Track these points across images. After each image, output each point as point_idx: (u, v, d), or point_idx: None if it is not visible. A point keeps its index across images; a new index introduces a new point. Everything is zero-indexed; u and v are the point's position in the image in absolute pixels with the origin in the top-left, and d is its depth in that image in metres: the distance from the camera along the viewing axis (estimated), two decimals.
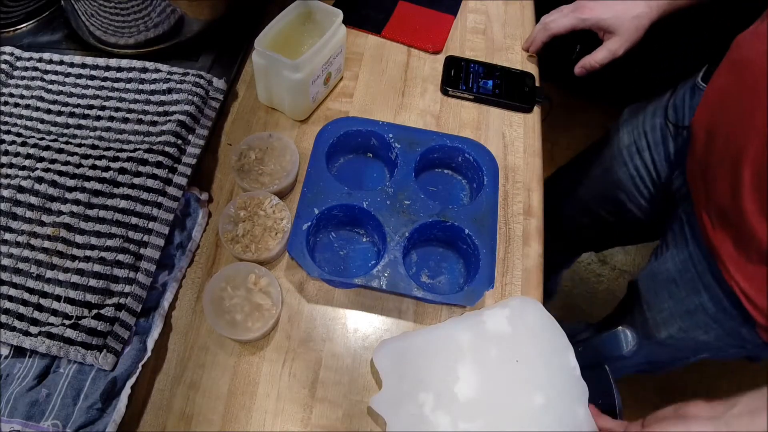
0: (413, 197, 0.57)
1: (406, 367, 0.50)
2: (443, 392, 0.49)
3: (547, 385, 0.50)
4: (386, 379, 0.50)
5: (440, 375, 0.50)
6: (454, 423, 0.48)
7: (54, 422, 0.45)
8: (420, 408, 0.48)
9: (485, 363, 0.50)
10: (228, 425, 0.50)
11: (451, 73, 0.71)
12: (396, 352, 0.51)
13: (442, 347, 0.51)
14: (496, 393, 0.49)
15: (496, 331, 0.52)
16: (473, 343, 0.51)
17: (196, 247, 0.57)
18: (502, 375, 0.50)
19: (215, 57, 0.68)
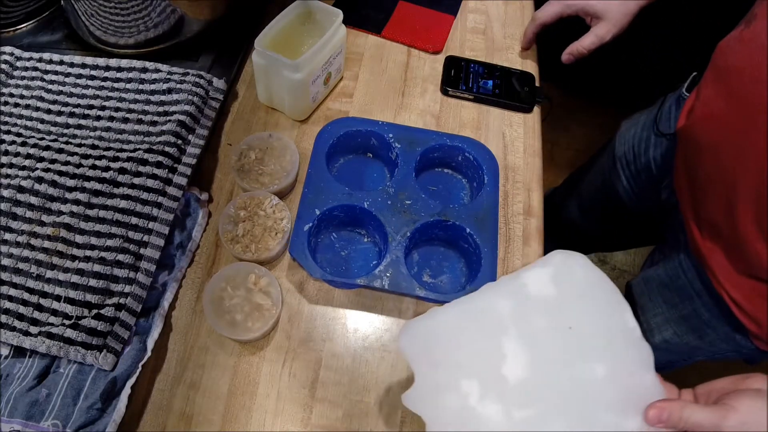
0: (414, 197, 0.57)
1: (440, 351, 0.42)
2: (489, 376, 0.41)
3: (607, 352, 0.41)
4: (417, 367, 0.42)
5: (483, 355, 0.42)
6: (508, 412, 0.40)
7: (54, 422, 0.45)
8: (464, 399, 0.40)
9: (533, 335, 0.42)
10: (228, 425, 0.49)
11: (451, 73, 0.71)
12: (426, 334, 0.43)
13: (480, 322, 0.43)
14: (550, 369, 0.41)
15: (540, 294, 0.43)
16: (516, 313, 0.43)
17: (196, 247, 0.57)
18: (555, 346, 0.42)
19: (215, 57, 0.68)
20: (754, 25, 0.52)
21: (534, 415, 0.40)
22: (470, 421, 0.40)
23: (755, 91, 0.50)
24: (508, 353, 0.41)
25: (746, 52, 0.52)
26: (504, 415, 0.40)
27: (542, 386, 0.41)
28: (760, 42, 0.50)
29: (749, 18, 0.54)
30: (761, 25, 0.51)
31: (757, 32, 0.51)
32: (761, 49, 0.50)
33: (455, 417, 0.40)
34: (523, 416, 0.40)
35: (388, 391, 0.51)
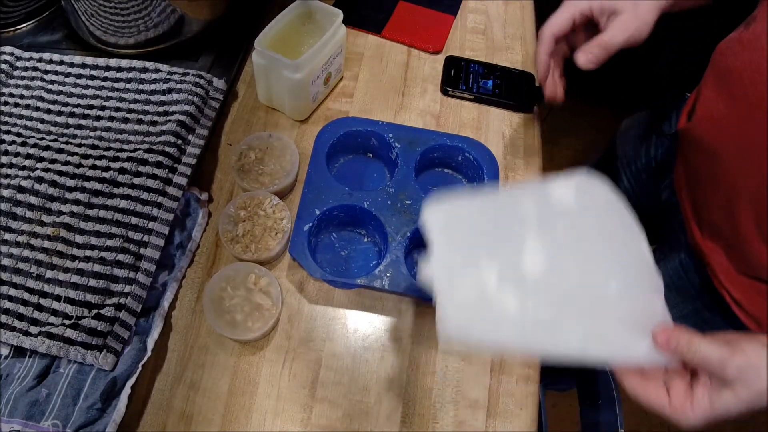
0: (414, 197, 0.57)
1: (463, 231, 0.42)
2: (507, 265, 0.41)
3: (621, 271, 0.42)
4: (437, 241, 0.41)
5: (503, 245, 0.41)
6: (523, 303, 0.39)
7: (54, 422, 0.45)
8: (481, 282, 0.40)
9: (553, 239, 0.42)
10: (228, 425, 0.49)
11: (451, 73, 0.71)
12: (452, 212, 0.43)
13: (503, 214, 0.43)
14: (567, 275, 0.41)
15: (562, 204, 0.43)
16: (539, 215, 0.43)
17: (196, 247, 0.57)
18: (572, 255, 0.42)
19: (215, 57, 0.68)
20: (753, 26, 0.52)
21: (548, 314, 0.39)
22: (484, 307, 0.39)
23: (755, 92, 0.50)
24: (527, 249, 0.41)
25: (746, 54, 0.52)
26: (519, 307, 0.39)
27: (558, 289, 0.40)
28: (759, 44, 0.50)
29: (749, 20, 0.54)
30: (761, 27, 0.51)
31: (756, 34, 0.51)
32: (761, 51, 0.50)
33: (468, 299, 0.39)
34: (538, 312, 0.39)
35: (388, 391, 0.51)
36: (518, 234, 0.42)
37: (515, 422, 0.51)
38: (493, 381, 0.52)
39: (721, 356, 0.38)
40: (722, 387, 0.38)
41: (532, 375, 0.53)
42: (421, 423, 0.50)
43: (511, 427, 0.50)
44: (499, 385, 0.52)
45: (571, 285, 0.40)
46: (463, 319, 0.39)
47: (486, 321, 0.40)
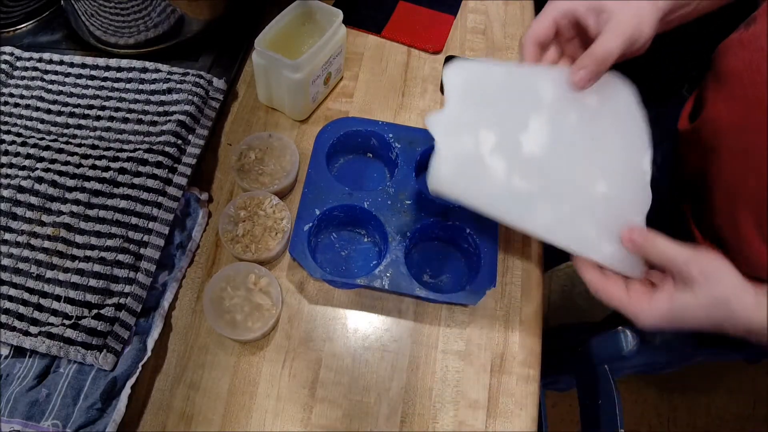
0: (414, 197, 0.57)
1: (477, 95, 0.44)
2: (508, 137, 0.43)
3: (613, 177, 0.43)
4: (451, 100, 0.44)
5: (510, 117, 0.44)
6: (509, 174, 0.42)
7: (54, 422, 0.45)
8: (478, 145, 0.43)
9: (560, 126, 0.44)
10: (228, 425, 0.49)
11: None
12: (472, 74, 0.45)
13: (521, 88, 0.45)
14: (560, 162, 0.43)
15: (581, 98, 0.45)
16: (554, 99, 0.45)
17: (196, 247, 0.57)
18: (573, 146, 0.44)
19: (215, 57, 0.68)
20: (753, 27, 0.52)
21: (528, 191, 0.42)
22: (474, 166, 0.42)
23: (755, 93, 0.50)
24: (531, 128, 0.43)
25: (745, 55, 0.52)
26: (505, 176, 0.42)
27: (548, 172, 0.43)
28: (759, 44, 0.50)
29: (749, 21, 0.54)
30: (761, 28, 0.50)
31: (756, 34, 0.51)
32: (760, 52, 0.49)
33: (463, 156, 0.42)
34: (521, 187, 0.42)
35: (388, 391, 0.51)
36: (529, 111, 0.43)
37: (515, 422, 0.51)
38: (493, 381, 0.52)
39: (685, 256, 0.39)
40: (683, 288, 0.39)
41: (532, 375, 0.53)
42: (421, 423, 0.50)
43: (511, 427, 0.50)
44: (499, 385, 0.52)
45: (562, 173, 0.43)
46: (453, 172, 0.42)
47: (472, 180, 0.42)
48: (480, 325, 0.55)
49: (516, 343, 0.54)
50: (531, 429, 0.51)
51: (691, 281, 0.38)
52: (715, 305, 0.39)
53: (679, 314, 0.39)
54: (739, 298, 0.39)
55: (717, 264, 0.39)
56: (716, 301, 0.38)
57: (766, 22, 0.50)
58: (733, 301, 0.39)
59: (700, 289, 0.38)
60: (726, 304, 0.38)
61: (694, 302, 0.38)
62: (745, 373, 1.34)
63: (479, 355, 0.53)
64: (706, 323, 0.40)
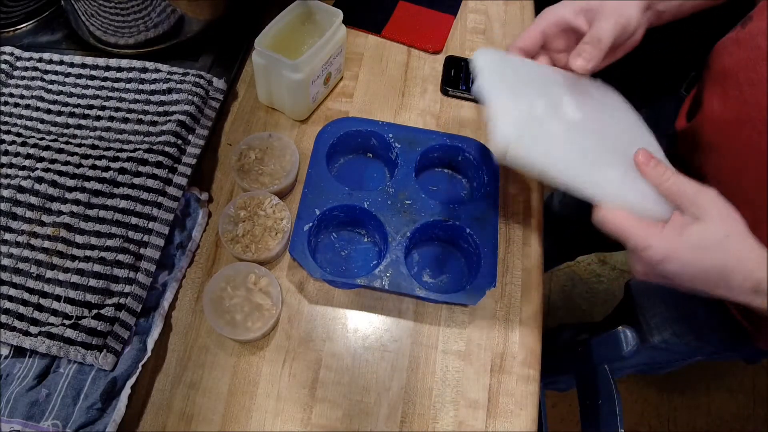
0: (414, 197, 0.57)
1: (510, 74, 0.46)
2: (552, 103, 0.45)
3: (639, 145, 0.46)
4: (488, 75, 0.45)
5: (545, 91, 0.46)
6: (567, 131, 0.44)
7: (54, 422, 0.45)
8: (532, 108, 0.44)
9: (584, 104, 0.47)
10: (228, 425, 0.49)
11: (451, 73, 0.71)
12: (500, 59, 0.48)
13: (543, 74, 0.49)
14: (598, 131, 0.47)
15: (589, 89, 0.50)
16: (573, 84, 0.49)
17: (196, 247, 0.57)
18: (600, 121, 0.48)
19: (215, 57, 0.68)
20: (750, 26, 0.52)
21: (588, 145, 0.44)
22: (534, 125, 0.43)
23: (752, 92, 0.50)
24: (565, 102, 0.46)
25: (742, 54, 0.52)
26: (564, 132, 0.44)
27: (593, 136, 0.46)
28: (755, 43, 0.50)
29: (745, 20, 0.54)
30: (757, 27, 0.50)
31: (753, 33, 0.51)
32: (757, 50, 0.49)
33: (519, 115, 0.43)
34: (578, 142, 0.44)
35: (388, 391, 0.51)
36: (558, 89, 0.47)
37: (515, 422, 0.51)
38: (493, 381, 0.52)
39: (695, 188, 0.39)
40: (694, 220, 0.38)
41: (532, 375, 0.53)
42: (421, 423, 0.50)
43: (511, 427, 0.50)
44: (499, 385, 0.52)
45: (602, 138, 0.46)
46: (515, 131, 0.42)
47: (534, 139, 0.42)
48: (480, 325, 0.55)
49: (516, 343, 0.54)
50: (531, 429, 0.51)
51: (702, 213, 0.37)
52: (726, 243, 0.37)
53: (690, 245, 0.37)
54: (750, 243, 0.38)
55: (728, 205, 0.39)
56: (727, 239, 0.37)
57: (763, 20, 0.50)
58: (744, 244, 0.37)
59: (712, 222, 0.37)
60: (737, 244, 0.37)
61: (705, 232, 0.37)
62: (745, 373, 1.34)
63: (479, 355, 0.53)
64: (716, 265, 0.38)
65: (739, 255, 0.38)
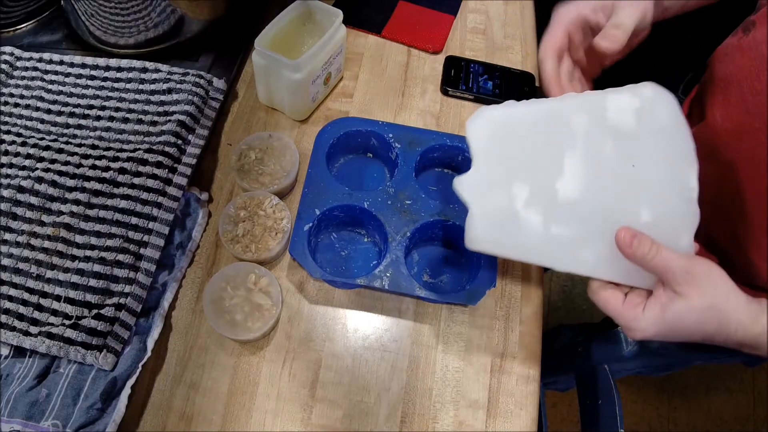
0: (414, 197, 0.57)
1: (505, 146, 0.43)
2: (542, 186, 0.42)
3: (658, 202, 0.42)
4: (477, 157, 0.43)
5: (542, 164, 0.42)
6: (546, 224, 0.42)
7: (54, 422, 0.45)
8: (512, 200, 0.42)
9: (597, 159, 0.42)
10: (228, 425, 0.49)
11: (451, 73, 0.71)
12: (497, 124, 0.43)
13: (551, 127, 0.43)
14: (600, 199, 0.42)
15: (617, 122, 0.42)
16: (588, 131, 0.42)
17: (196, 247, 0.57)
18: (613, 178, 0.42)
19: (215, 57, 0.68)
20: (753, 33, 0.51)
21: (568, 235, 0.42)
22: (510, 222, 0.42)
23: (755, 101, 0.49)
24: (566, 170, 0.42)
25: (745, 62, 0.51)
26: (542, 227, 0.42)
27: (586, 212, 0.42)
28: (758, 51, 0.49)
29: (747, 25, 0.53)
30: (761, 34, 0.49)
31: (756, 41, 0.50)
32: (760, 59, 0.48)
33: (497, 213, 0.42)
34: (559, 233, 0.42)
35: (388, 391, 0.51)
36: (562, 152, 0.42)
37: (515, 422, 0.51)
38: (493, 381, 0.52)
39: (680, 264, 0.38)
40: (675, 296, 0.39)
41: (532, 375, 0.53)
42: (421, 423, 0.50)
43: (511, 427, 0.50)
44: (499, 385, 0.52)
45: (601, 212, 0.42)
46: (489, 229, 0.42)
47: (508, 236, 0.42)
48: (480, 325, 0.55)
49: (516, 343, 0.54)
50: (531, 429, 0.51)
51: (685, 291, 0.38)
52: (708, 313, 0.38)
53: (672, 322, 0.39)
54: (733, 307, 0.38)
55: (710, 272, 0.39)
56: (709, 309, 0.38)
57: (765, 27, 0.49)
58: (726, 309, 0.38)
59: (693, 297, 0.38)
60: (718, 312, 0.38)
61: (686, 309, 0.38)
62: (745, 374, 1.34)
63: (479, 355, 0.53)
64: (697, 333, 0.39)
65: (719, 323, 0.39)
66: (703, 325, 0.39)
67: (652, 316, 0.39)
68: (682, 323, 0.39)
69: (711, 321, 0.39)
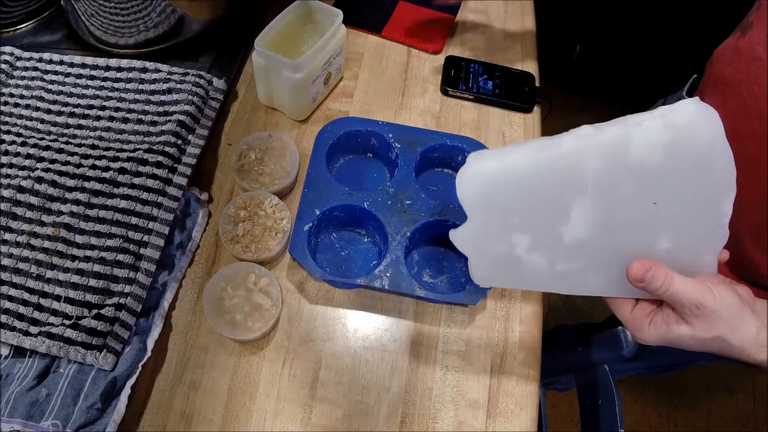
0: (414, 197, 0.57)
1: (501, 201, 0.38)
2: (544, 234, 0.39)
3: (682, 229, 0.38)
4: (470, 211, 0.39)
5: (545, 215, 0.38)
6: (551, 264, 0.39)
7: (54, 422, 0.45)
8: (512, 249, 0.39)
9: (610, 202, 0.37)
10: (228, 425, 0.49)
11: (451, 73, 0.71)
12: (491, 181, 0.38)
13: (557, 179, 0.37)
14: (611, 235, 0.38)
15: (640, 163, 0.36)
16: (602, 177, 0.36)
17: (196, 247, 0.57)
18: (629, 215, 0.38)
19: (215, 57, 0.68)
20: (750, 34, 0.51)
21: (575, 268, 0.40)
22: (512, 266, 0.40)
23: (755, 105, 0.49)
24: (573, 216, 0.38)
25: (743, 64, 0.51)
26: (547, 266, 0.40)
27: (596, 246, 0.39)
28: (755, 53, 0.49)
29: (745, 26, 0.52)
30: (758, 36, 0.49)
31: (753, 42, 0.50)
32: (758, 61, 0.48)
33: (499, 261, 0.40)
34: (566, 268, 0.40)
35: (388, 391, 0.51)
36: (568, 201, 0.37)
37: (515, 422, 0.51)
38: (493, 381, 0.52)
39: (692, 297, 0.37)
40: (683, 321, 0.39)
41: (532, 375, 0.53)
42: (421, 423, 0.50)
43: (511, 427, 0.50)
44: (499, 385, 0.52)
45: (613, 243, 0.39)
46: (492, 272, 0.42)
47: (512, 275, 0.41)
48: (480, 325, 0.55)
49: (516, 344, 0.54)
50: (531, 429, 0.51)
51: (692, 320, 0.38)
52: (712, 342, 0.38)
53: (674, 341, 0.39)
54: (739, 340, 0.38)
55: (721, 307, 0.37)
56: (714, 340, 0.38)
57: (763, 28, 0.49)
58: (731, 341, 0.38)
59: (699, 329, 0.38)
60: (723, 342, 0.38)
61: (690, 336, 0.38)
62: (745, 374, 1.34)
63: (479, 355, 0.53)
64: (700, 350, 0.40)
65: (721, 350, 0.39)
66: (705, 348, 0.39)
67: (656, 332, 0.40)
68: (684, 344, 0.39)
69: (714, 347, 0.39)
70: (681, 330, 0.38)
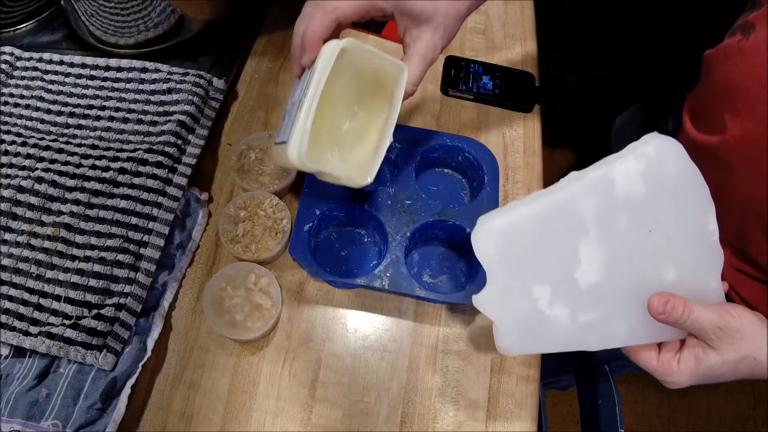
0: (414, 197, 0.57)
1: (516, 253, 0.42)
2: (562, 281, 0.42)
3: (680, 255, 0.41)
4: (491, 270, 0.42)
5: (558, 259, 0.42)
6: (574, 315, 0.42)
7: (54, 422, 0.45)
8: (534, 303, 0.42)
9: (612, 236, 0.41)
10: (228, 425, 0.49)
11: (451, 73, 0.71)
12: (503, 235, 0.42)
13: (560, 222, 0.41)
14: (622, 273, 0.41)
15: (628, 193, 0.40)
16: (599, 213, 0.41)
17: (196, 247, 0.57)
18: (631, 249, 0.41)
19: (215, 57, 0.68)
20: (754, 36, 0.50)
21: (598, 317, 0.42)
22: (537, 324, 0.42)
23: (764, 109, 0.48)
24: (583, 258, 0.41)
25: (748, 67, 0.50)
26: (570, 318, 0.42)
27: (611, 290, 0.41)
28: (762, 57, 0.48)
29: (745, 26, 0.51)
30: (761, 38, 0.48)
31: (758, 45, 0.49)
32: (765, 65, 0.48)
33: (523, 320, 0.42)
34: (588, 319, 0.42)
35: (388, 391, 0.51)
36: (574, 242, 0.41)
37: (515, 422, 0.51)
38: (493, 381, 0.52)
39: (714, 320, 0.38)
40: (709, 349, 0.39)
41: (532, 375, 0.53)
42: (421, 423, 0.50)
43: (511, 427, 0.50)
44: (499, 385, 0.52)
45: (626, 284, 0.41)
46: (518, 337, 0.43)
47: (539, 336, 0.43)
48: (480, 325, 0.55)
49: None
50: (531, 429, 0.51)
51: (718, 345, 0.39)
52: (742, 363, 0.39)
53: (706, 373, 0.40)
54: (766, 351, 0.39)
55: (743, 324, 0.39)
56: (743, 360, 0.39)
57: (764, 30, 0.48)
58: (760, 358, 0.39)
59: (727, 352, 0.39)
60: (753, 360, 0.39)
61: (721, 362, 0.39)
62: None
63: (479, 355, 0.53)
64: (731, 378, 0.40)
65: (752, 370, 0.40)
66: (737, 373, 0.40)
67: (686, 369, 0.40)
68: (715, 373, 0.40)
69: (745, 369, 0.40)
70: (710, 358, 0.39)
